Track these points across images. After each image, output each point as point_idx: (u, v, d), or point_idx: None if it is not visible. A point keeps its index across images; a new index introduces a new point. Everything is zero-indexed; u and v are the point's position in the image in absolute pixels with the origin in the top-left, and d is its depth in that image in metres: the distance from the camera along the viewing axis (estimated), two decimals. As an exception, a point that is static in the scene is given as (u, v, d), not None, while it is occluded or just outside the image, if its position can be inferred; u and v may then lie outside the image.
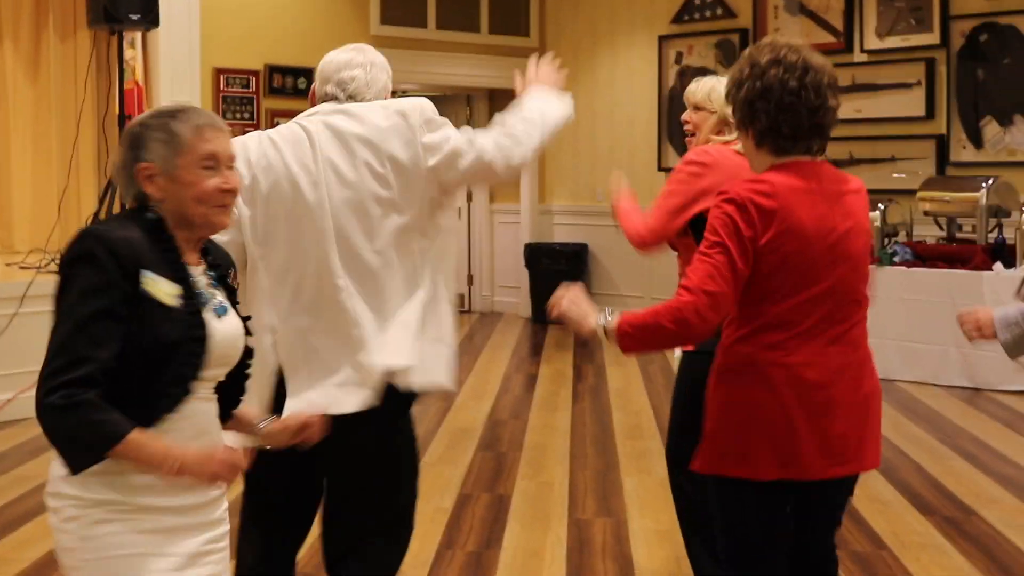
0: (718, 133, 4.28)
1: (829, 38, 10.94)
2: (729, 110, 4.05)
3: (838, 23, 10.89)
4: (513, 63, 13.42)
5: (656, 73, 12.26)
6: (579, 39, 12.95)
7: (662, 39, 12.17)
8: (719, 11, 11.73)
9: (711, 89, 4.33)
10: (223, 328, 2.69)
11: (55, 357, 2.52)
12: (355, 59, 3.56)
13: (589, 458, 6.94)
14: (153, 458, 2.54)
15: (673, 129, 12.12)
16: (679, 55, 12.08)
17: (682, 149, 11.84)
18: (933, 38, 10.22)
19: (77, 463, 2.54)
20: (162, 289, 2.58)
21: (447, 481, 6.42)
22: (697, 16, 11.90)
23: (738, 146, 4.12)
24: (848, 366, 3.05)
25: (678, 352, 4.29)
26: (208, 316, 2.66)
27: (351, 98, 3.50)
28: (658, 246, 4.32)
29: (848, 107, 10.67)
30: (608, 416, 8.09)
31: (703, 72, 11.70)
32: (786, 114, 2.99)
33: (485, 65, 12.78)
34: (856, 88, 10.72)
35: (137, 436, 2.51)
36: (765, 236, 2.95)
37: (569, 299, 3.28)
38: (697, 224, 4.00)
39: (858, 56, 10.82)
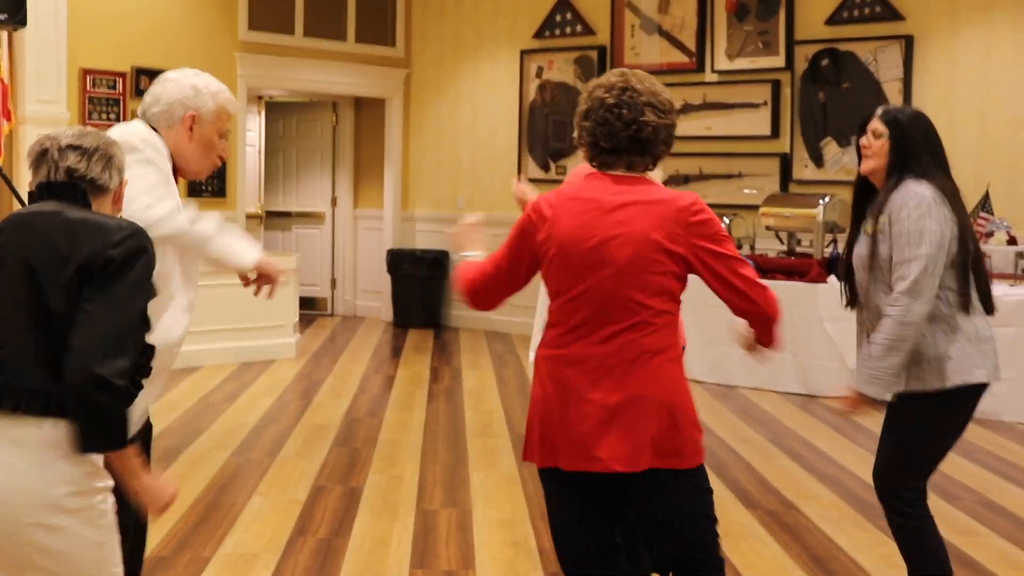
0: None
1: (683, 58, 11.41)
2: None
3: (691, 44, 11.37)
4: (378, 71, 13.76)
5: (518, 86, 12.62)
6: (443, 50, 13.27)
7: (524, 53, 12.55)
8: (579, 28, 12.15)
9: None
10: None
11: (122, 340, 2.73)
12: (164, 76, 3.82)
13: (440, 453, 7.24)
14: (134, 467, 2.87)
15: (534, 141, 12.50)
16: (540, 69, 12.46)
17: (543, 160, 12.29)
18: (779, 61, 10.75)
19: (113, 443, 2.77)
20: None
21: (302, 474, 6.67)
22: (558, 32, 12.30)
23: None
24: (614, 367, 3.24)
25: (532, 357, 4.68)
26: None
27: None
28: None
29: (699, 124, 11.21)
30: (461, 415, 8.40)
31: (563, 86, 12.15)
32: (602, 128, 3.32)
33: (351, 73, 13.03)
34: (707, 107, 11.22)
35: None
36: (539, 238, 3.33)
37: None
38: None
39: (709, 76, 11.31)
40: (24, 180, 9.96)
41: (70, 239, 2.79)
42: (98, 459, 2.81)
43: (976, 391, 4.10)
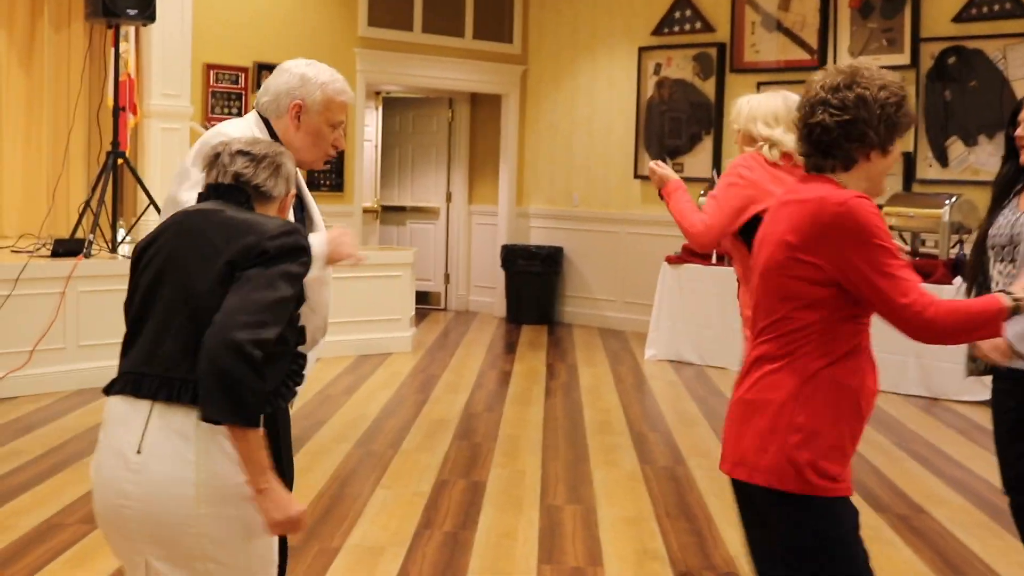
0: (748, 144, 4.85)
1: (804, 55, 11.28)
2: (752, 126, 4.69)
3: (813, 41, 11.23)
4: (495, 68, 13.83)
5: (635, 83, 12.57)
6: (560, 47, 13.26)
7: (642, 50, 12.49)
8: (698, 25, 12.06)
9: (737, 108, 4.95)
10: None
11: (265, 314, 2.70)
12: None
13: (560, 450, 7.23)
14: (261, 462, 2.72)
15: (650, 138, 12.44)
16: (658, 66, 12.39)
17: (659, 157, 12.21)
18: (904, 59, 10.56)
19: (240, 416, 2.66)
20: None
21: (424, 468, 6.71)
22: (677, 29, 12.23)
23: (769, 154, 4.73)
24: (748, 367, 3.12)
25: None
26: None
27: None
28: (715, 243, 4.76)
29: (820, 122, 11.02)
30: (579, 412, 8.39)
31: (681, 84, 12.07)
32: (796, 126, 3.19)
33: (468, 69, 13.08)
34: (828, 104, 11.04)
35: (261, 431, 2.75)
36: None
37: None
38: (748, 229, 4.43)
39: (831, 73, 11.13)
40: (150, 172, 10.18)
41: (226, 234, 2.82)
42: None
43: None
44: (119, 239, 9.33)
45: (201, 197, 3.02)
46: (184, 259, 2.85)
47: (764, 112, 4.82)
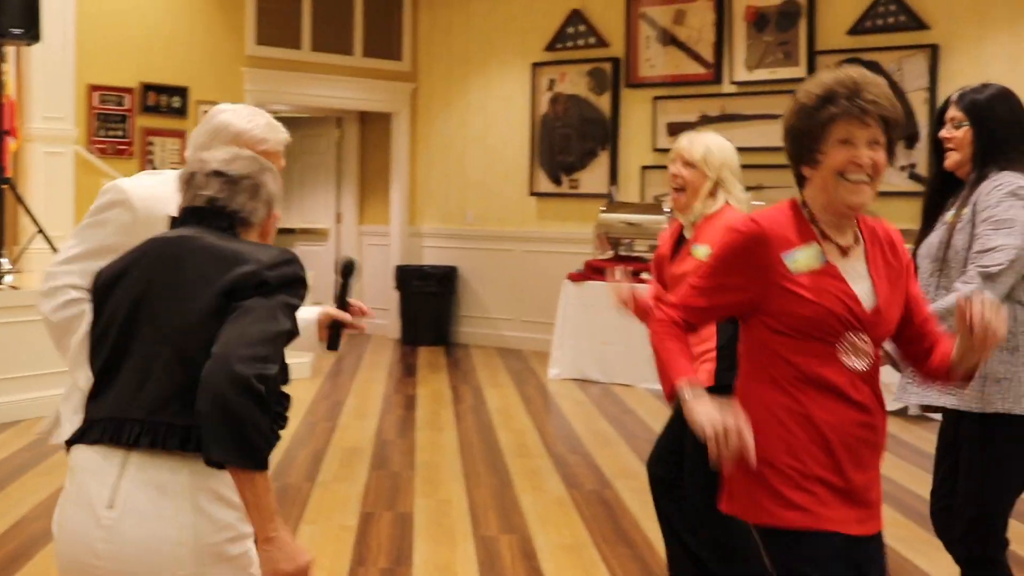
0: (711, 195, 4.43)
1: (700, 69, 11.27)
2: (725, 175, 4.34)
3: (708, 55, 11.22)
4: (386, 86, 13.59)
5: (529, 99, 12.45)
6: (452, 64, 13.09)
7: (535, 65, 12.37)
8: (592, 40, 11.99)
9: (707, 149, 4.44)
10: None
11: (268, 347, 2.46)
12: None
13: (482, 476, 7.03)
14: (269, 507, 2.45)
15: (544, 155, 12.33)
16: (552, 82, 12.29)
17: (554, 174, 12.10)
18: (800, 71, 10.59)
19: (249, 458, 2.40)
20: None
21: (346, 500, 6.46)
22: (571, 44, 12.14)
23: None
24: None
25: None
26: None
27: None
28: None
29: (717, 136, 11.02)
30: (493, 435, 8.20)
31: (575, 99, 11.98)
32: None
33: (357, 88, 12.84)
34: (725, 118, 11.07)
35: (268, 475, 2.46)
36: None
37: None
38: None
39: (727, 87, 11.16)
40: (34, 198, 9.75)
41: (217, 263, 2.58)
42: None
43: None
44: (3, 269, 8.88)
45: (176, 222, 2.76)
46: (167, 291, 2.60)
47: (733, 160, 4.50)
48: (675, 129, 11.46)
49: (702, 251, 4.24)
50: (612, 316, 10.33)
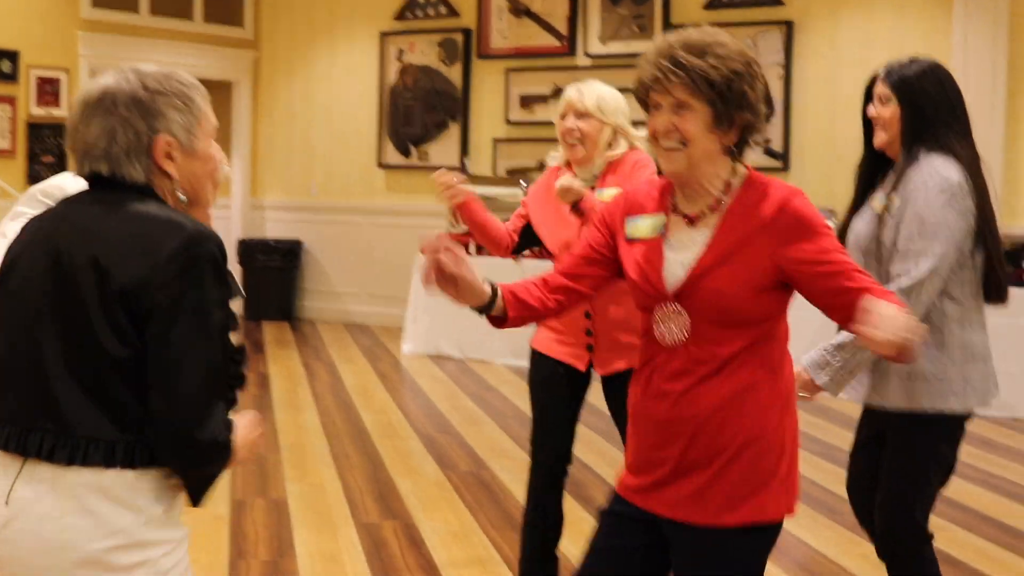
0: (610, 146, 4.21)
1: (553, 42, 11.15)
2: (621, 121, 4.11)
3: (562, 27, 11.11)
4: (227, 53, 13.12)
5: (377, 69, 12.16)
6: (296, 31, 12.70)
7: (384, 35, 12.09)
8: (443, 9, 11.76)
9: (599, 98, 4.25)
10: None
11: (213, 387, 2.26)
12: None
13: (353, 459, 6.80)
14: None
15: (393, 127, 12.07)
16: (401, 52, 12.02)
17: (403, 146, 11.86)
18: (655, 45, 10.54)
19: (203, 495, 2.40)
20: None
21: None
22: (420, 14, 11.89)
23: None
24: None
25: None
26: None
27: None
28: None
29: (571, 109, 10.93)
30: (356, 415, 7.96)
31: (425, 69, 11.75)
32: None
33: (198, 54, 12.36)
34: (579, 91, 10.96)
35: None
36: None
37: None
38: None
39: (581, 60, 11.08)
40: None
41: (111, 253, 2.24)
42: (159, 506, 2.31)
43: (951, 422, 3.59)
44: None
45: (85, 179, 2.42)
46: (62, 276, 2.28)
47: (626, 107, 4.29)
48: (527, 102, 11.34)
49: (608, 193, 4.06)
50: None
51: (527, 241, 4.54)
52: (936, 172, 3.51)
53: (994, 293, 3.65)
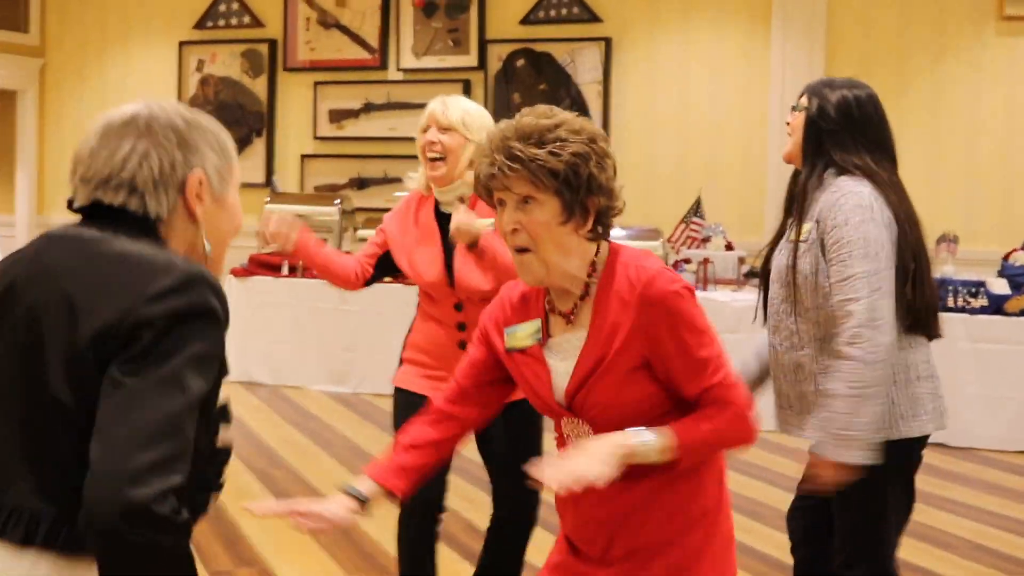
0: (471, 166, 3.90)
1: (364, 54, 10.86)
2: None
3: (374, 40, 10.82)
4: (10, 60, 12.35)
5: (176, 80, 11.62)
6: (87, 39, 12.03)
7: (183, 44, 11.56)
8: (246, 19, 11.31)
9: (464, 112, 3.98)
10: None
11: (165, 446, 1.80)
12: None
13: (187, 499, 6.37)
14: None
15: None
16: (201, 63, 11.52)
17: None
18: (471, 60, 10.39)
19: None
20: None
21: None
22: (222, 23, 11.41)
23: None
24: None
25: None
26: None
27: None
28: None
29: (382, 125, 10.72)
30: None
31: (228, 81, 11.29)
32: None
33: (-23, 61, 11.60)
34: (391, 106, 10.73)
35: None
36: None
37: None
38: None
39: (393, 74, 10.82)
40: None
41: (89, 291, 1.91)
42: None
43: (905, 447, 3.27)
44: None
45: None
46: (33, 316, 1.95)
47: (491, 124, 4.07)
48: (337, 116, 11.01)
49: (482, 223, 3.79)
50: (282, 313, 9.80)
51: (383, 271, 4.27)
52: (847, 190, 3.26)
53: (923, 324, 3.33)
